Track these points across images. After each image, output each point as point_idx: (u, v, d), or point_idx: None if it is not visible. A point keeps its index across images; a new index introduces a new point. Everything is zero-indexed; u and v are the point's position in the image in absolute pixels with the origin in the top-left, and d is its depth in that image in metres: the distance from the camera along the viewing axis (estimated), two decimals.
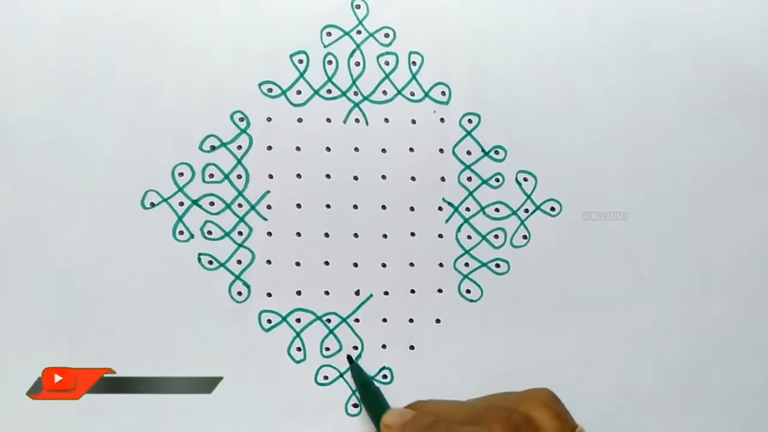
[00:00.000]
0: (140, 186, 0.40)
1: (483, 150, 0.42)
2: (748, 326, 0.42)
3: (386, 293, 0.41)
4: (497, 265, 0.42)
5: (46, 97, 0.40)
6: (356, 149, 0.41)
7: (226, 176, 0.41)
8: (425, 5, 0.42)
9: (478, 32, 0.42)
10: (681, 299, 0.42)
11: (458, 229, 0.42)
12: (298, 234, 0.41)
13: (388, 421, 0.37)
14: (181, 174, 0.41)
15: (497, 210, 0.42)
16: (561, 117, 0.42)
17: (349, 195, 0.41)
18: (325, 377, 0.41)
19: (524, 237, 0.42)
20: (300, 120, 0.41)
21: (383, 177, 0.41)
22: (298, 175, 0.41)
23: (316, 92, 0.41)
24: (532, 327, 0.41)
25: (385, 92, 0.42)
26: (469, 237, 0.42)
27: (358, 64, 0.41)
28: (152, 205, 0.40)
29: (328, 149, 0.41)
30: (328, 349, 0.41)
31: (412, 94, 0.42)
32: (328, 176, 0.41)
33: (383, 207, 0.41)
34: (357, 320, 0.41)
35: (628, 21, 0.42)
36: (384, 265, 0.41)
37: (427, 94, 0.42)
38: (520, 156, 0.42)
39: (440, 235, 0.42)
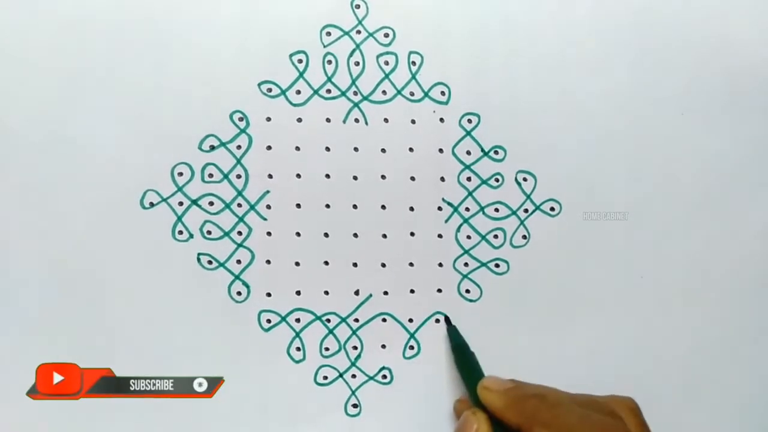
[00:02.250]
0: (139, 186, 0.40)
1: (482, 150, 0.42)
2: (748, 326, 0.42)
3: (386, 293, 0.41)
4: (497, 265, 0.42)
5: (46, 97, 0.40)
6: (356, 149, 0.41)
7: (226, 176, 0.41)
8: (425, 5, 0.42)
9: (477, 32, 0.42)
10: (681, 299, 0.42)
11: (458, 229, 0.42)
12: (298, 234, 0.41)
13: (489, 384, 0.37)
14: (181, 174, 0.41)
15: (497, 210, 0.42)
16: (561, 117, 0.42)
17: (348, 195, 0.41)
18: (325, 377, 0.41)
19: (524, 237, 0.42)
20: (299, 120, 0.41)
21: (383, 177, 0.41)
22: (298, 175, 0.41)
23: (316, 92, 0.41)
24: (531, 327, 0.41)
25: (384, 92, 0.42)
26: (469, 237, 0.42)
27: (357, 63, 0.41)
28: (151, 204, 0.40)
29: (328, 149, 0.41)
30: (327, 349, 0.41)
31: (412, 94, 0.42)
32: (327, 176, 0.41)
33: (383, 207, 0.41)
34: (356, 320, 0.41)
35: (628, 21, 0.42)
36: (383, 265, 0.41)
37: (426, 94, 0.42)
38: (519, 156, 0.42)
39: (440, 235, 0.42)
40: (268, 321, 0.41)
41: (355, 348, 0.41)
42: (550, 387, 0.38)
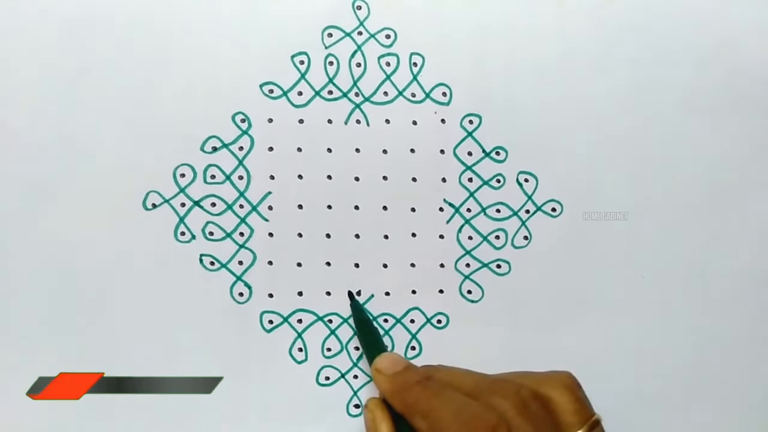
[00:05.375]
0: (142, 187, 0.40)
1: (484, 151, 0.42)
2: (748, 326, 0.42)
3: (387, 294, 0.41)
4: (498, 266, 0.42)
5: (48, 98, 0.40)
6: (357, 150, 0.41)
7: (228, 177, 0.41)
8: (426, 6, 0.42)
9: (478, 33, 0.42)
10: (681, 299, 0.42)
11: (459, 230, 0.42)
12: (300, 235, 0.41)
13: (380, 365, 0.36)
14: (183, 175, 0.40)
15: (498, 211, 0.42)
16: (561, 117, 0.42)
17: (350, 196, 0.41)
18: (327, 378, 0.41)
19: (525, 238, 0.42)
20: (301, 121, 0.41)
21: (384, 178, 0.41)
22: (300, 176, 0.41)
23: (317, 93, 0.41)
24: (532, 327, 0.41)
25: (386, 93, 0.42)
26: (470, 238, 0.42)
27: (359, 65, 0.42)
28: (154, 206, 0.40)
29: (330, 150, 0.41)
30: (329, 349, 0.41)
31: (413, 95, 0.42)
32: (329, 177, 0.41)
33: (384, 208, 0.41)
34: None
35: (629, 21, 0.43)
36: (385, 266, 0.41)
37: (428, 95, 0.42)
38: (520, 157, 0.42)
39: (441, 236, 0.42)
40: (270, 322, 0.41)
41: (357, 348, 0.41)
42: (446, 368, 0.36)
